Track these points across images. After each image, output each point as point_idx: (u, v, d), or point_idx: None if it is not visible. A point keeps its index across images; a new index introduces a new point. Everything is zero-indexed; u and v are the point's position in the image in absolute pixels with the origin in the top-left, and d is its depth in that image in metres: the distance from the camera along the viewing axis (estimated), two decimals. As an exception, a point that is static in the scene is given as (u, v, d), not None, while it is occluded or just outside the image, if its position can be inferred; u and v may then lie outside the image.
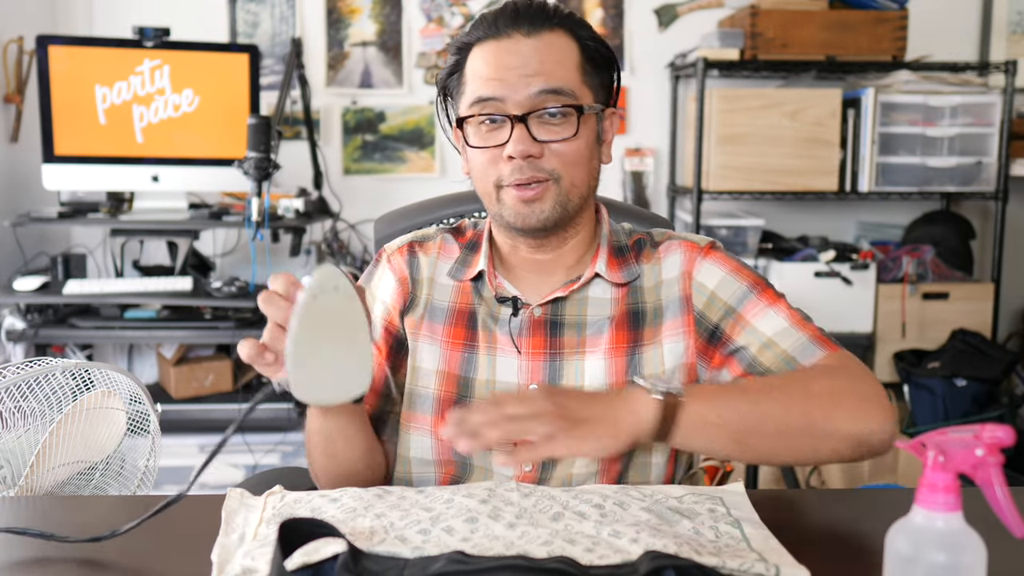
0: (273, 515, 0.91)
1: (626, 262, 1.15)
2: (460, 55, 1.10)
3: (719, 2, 3.17)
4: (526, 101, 1.04)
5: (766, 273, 2.92)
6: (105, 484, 1.24)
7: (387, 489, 0.98)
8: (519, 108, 1.04)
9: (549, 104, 1.05)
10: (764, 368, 1.06)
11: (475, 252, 1.18)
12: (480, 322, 1.14)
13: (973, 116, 2.93)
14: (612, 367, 1.11)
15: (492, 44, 1.07)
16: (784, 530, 0.89)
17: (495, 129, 1.07)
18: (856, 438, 0.96)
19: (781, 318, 1.08)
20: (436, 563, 0.76)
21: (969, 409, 2.84)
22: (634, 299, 1.13)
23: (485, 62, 1.07)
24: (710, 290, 1.11)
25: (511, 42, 1.06)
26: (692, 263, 1.13)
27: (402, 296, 1.17)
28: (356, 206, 3.12)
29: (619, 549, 0.81)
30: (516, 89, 1.04)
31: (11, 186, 2.82)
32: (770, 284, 1.13)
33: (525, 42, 1.05)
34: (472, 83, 1.08)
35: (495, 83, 1.05)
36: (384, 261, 1.21)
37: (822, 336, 1.07)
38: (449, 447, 1.12)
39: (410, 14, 3.15)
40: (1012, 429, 0.65)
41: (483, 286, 1.15)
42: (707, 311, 1.11)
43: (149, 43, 2.64)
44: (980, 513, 0.69)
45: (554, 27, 1.07)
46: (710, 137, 2.86)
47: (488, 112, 1.06)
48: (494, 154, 1.07)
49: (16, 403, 1.14)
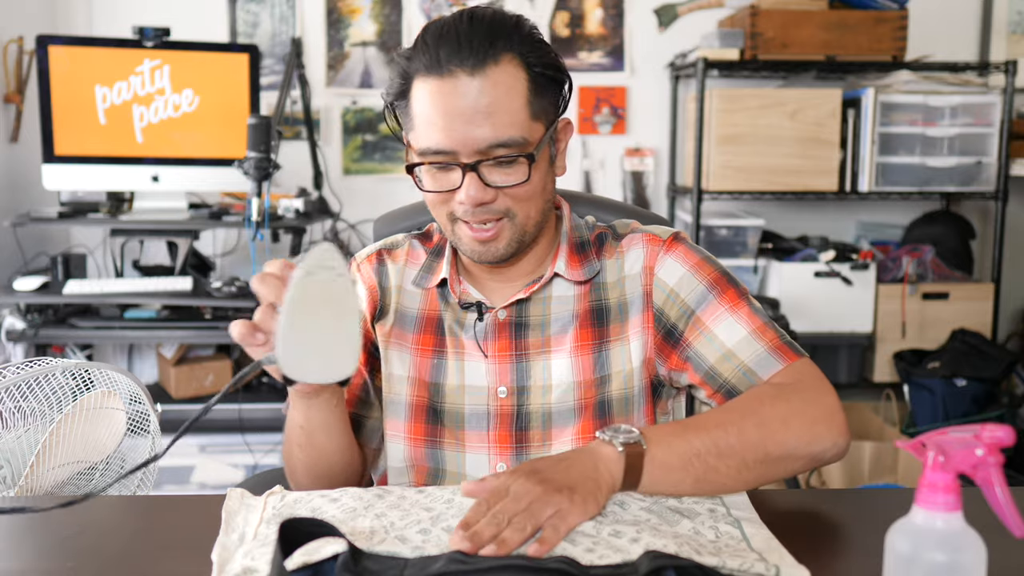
0: (273, 515, 0.91)
1: (587, 258, 1.15)
2: (404, 81, 1.05)
3: (719, 2, 3.17)
4: (476, 150, 1.01)
5: (766, 273, 2.92)
6: (105, 484, 1.24)
7: (387, 489, 0.98)
8: (469, 157, 1.02)
9: (499, 154, 1.02)
10: (723, 379, 1.07)
11: (440, 258, 1.17)
12: (447, 328, 1.14)
13: (973, 116, 2.93)
14: (578, 365, 1.11)
15: (435, 83, 1.01)
16: (784, 530, 0.89)
17: (446, 171, 1.04)
18: (809, 457, 0.99)
19: (740, 326, 1.07)
20: (436, 563, 0.76)
21: (969, 409, 2.84)
22: (597, 295, 1.13)
23: (431, 105, 1.01)
24: (670, 287, 1.10)
25: (455, 83, 1.00)
26: (654, 257, 1.12)
27: (371, 304, 1.18)
28: (356, 206, 3.12)
29: (619, 549, 0.81)
30: (465, 139, 1.00)
31: (11, 186, 2.82)
32: (732, 281, 1.11)
33: (470, 84, 0.99)
34: (420, 126, 1.04)
35: (443, 134, 1.01)
36: (354, 270, 1.20)
37: (781, 344, 1.06)
38: (422, 452, 1.13)
39: (410, 14, 3.15)
40: (1012, 429, 0.65)
41: (448, 292, 1.15)
42: (666, 308, 1.10)
43: (149, 43, 2.64)
44: (980, 513, 0.69)
45: (499, 57, 1.00)
46: (710, 137, 2.86)
47: (439, 162, 1.03)
48: (446, 195, 1.05)
49: (16, 403, 1.14)
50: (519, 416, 1.12)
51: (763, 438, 0.96)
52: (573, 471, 0.89)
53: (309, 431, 1.07)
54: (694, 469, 0.94)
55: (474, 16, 1.02)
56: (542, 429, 1.12)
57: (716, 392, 1.08)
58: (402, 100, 1.06)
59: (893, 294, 2.94)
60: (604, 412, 1.11)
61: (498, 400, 1.12)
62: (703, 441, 0.95)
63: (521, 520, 0.82)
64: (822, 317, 2.89)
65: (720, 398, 1.07)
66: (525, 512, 0.82)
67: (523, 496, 0.84)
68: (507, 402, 1.12)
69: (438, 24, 1.03)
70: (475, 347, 1.12)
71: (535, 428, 1.12)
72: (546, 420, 1.11)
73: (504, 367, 1.12)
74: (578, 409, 1.11)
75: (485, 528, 0.81)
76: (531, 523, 0.82)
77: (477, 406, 1.12)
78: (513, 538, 0.80)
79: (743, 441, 0.95)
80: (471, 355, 1.13)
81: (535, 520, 0.82)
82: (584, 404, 1.11)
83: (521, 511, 0.82)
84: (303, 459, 1.10)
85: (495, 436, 1.12)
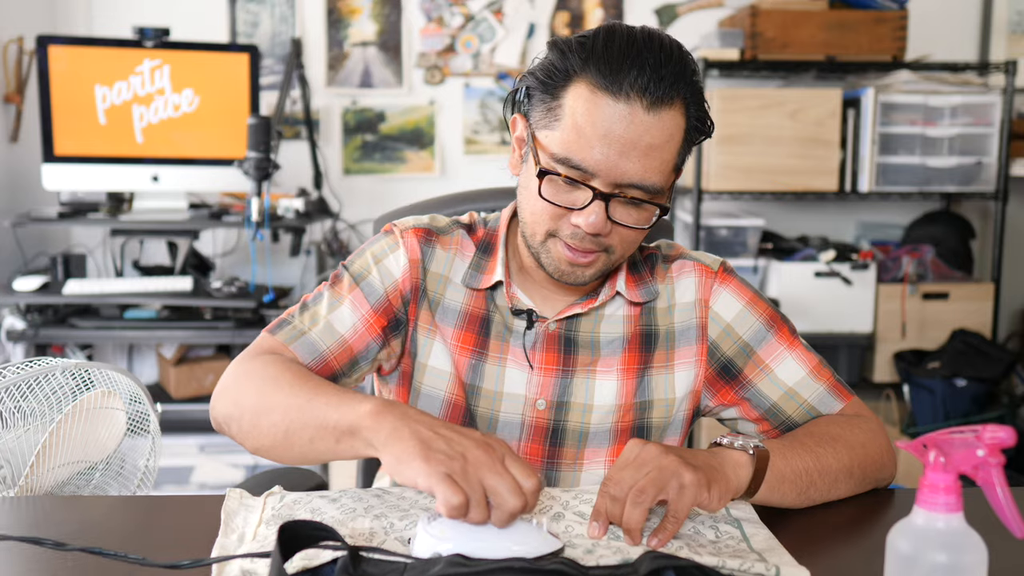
0: (272, 516, 0.91)
1: (643, 280, 1.13)
2: (565, 76, 0.98)
3: (719, 2, 3.17)
4: (615, 185, 0.98)
5: (766, 273, 2.92)
6: (105, 484, 1.24)
7: (387, 489, 0.98)
8: (608, 187, 0.98)
9: (634, 195, 0.99)
10: (785, 416, 1.10)
11: (489, 256, 1.13)
12: (493, 331, 1.11)
13: (973, 116, 2.93)
14: (623, 388, 1.10)
15: (608, 100, 0.95)
16: (784, 530, 0.89)
17: (573, 189, 0.99)
18: (876, 480, 1.06)
19: (799, 365, 1.10)
20: (436, 565, 0.76)
21: (969, 409, 2.84)
22: (648, 320, 1.12)
23: (592, 119, 0.96)
24: (726, 322, 1.11)
25: (628, 111, 0.95)
26: (708, 290, 1.13)
27: (411, 279, 1.12)
28: (356, 206, 3.12)
29: (619, 549, 0.81)
30: (611, 170, 0.96)
31: (11, 186, 2.82)
32: (784, 318, 1.14)
33: (643, 118, 0.95)
34: (569, 133, 0.97)
35: (595, 156, 0.96)
36: (398, 236, 1.14)
37: (836, 384, 1.11)
38: None
39: (410, 14, 3.15)
40: (1013, 430, 0.65)
41: (499, 295, 1.12)
42: (721, 342, 1.11)
43: (149, 43, 2.64)
44: (981, 514, 0.69)
45: (675, 101, 0.97)
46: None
47: (575, 178, 0.98)
48: (561, 211, 1.01)
49: (16, 403, 1.14)
50: (555, 431, 1.10)
51: (851, 460, 1.02)
52: (700, 458, 0.91)
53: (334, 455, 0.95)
54: (800, 483, 0.98)
55: (663, 46, 0.97)
56: (577, 448, 1.10)
57: (775, 428, 1.11)
58: (551, 92, 0.99)
59: (893, 294, 2.94)
60: (641, 437, 1.11)
61: (535, 412, 1.10)
62: (810, 457, 0.99)
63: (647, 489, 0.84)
64: (822, 317, 2.89)
65: (777, 433, 1.11)
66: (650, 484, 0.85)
67: (648, 467, 0.87)
68: (544, 415, 1.10)
69: (624, 35, 0.97)
70: (521, 355, 1.10)
71: (570, 446, 1.10)
72: (582, 439, 1.10)
73: (548, 380, 1.10)
74: (615, 432, 1.10)
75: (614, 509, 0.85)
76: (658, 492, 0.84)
77: (512, 415, 1.10)
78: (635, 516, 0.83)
79: (838, 461, 1.01)
80: (514, 362, 1.10)
81: (661, 488, 0.84)
82: (621, 427, 1.10)
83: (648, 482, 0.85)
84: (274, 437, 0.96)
85: (526, 448, 1.11)
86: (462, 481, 0.77)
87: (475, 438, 0.82)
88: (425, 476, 0.78)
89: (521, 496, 0.78)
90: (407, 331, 1.13)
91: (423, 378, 1.12)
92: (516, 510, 0.78)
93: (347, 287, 1.11)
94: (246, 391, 1.00)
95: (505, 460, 0.80)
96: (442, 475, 0.77)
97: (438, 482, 0.77)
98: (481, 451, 0.80)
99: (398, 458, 0.81)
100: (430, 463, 0.78)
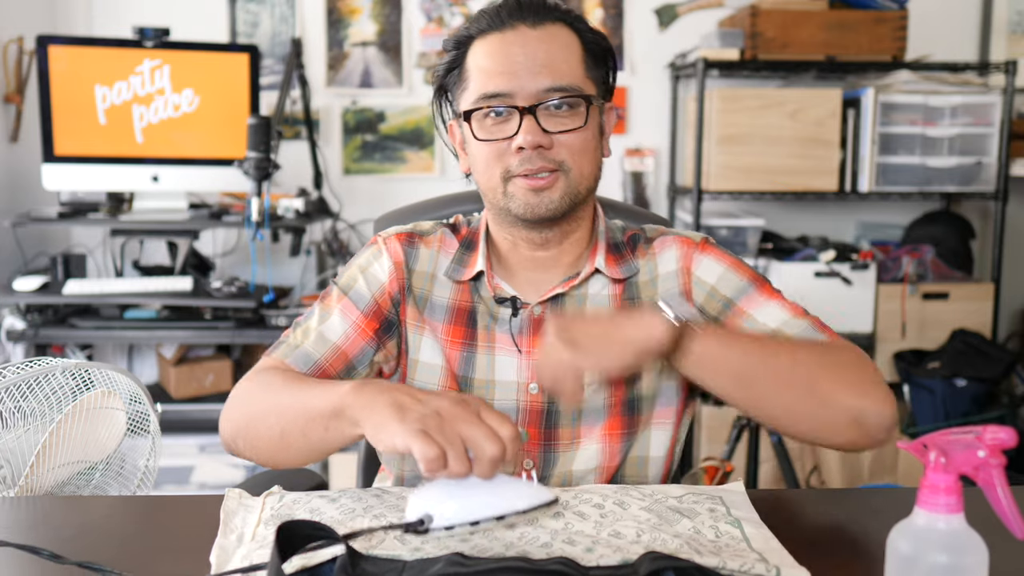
0: (272, 516, 0.91)
1: (623, 258, 1.16)
2: (459, 49, 1.10)
3: (719, 2, 3.17)
4: (535, 94, 1.05)
5: (766, 273, 2.92)
6: (105, 484, 1.24)
7: (386, 489, 0.98)
8: (528, 100, 1.05)
9: (556, 97, 1.05)
10: None
11: (471, 251, 1.17)
12: (479, 322, 1.14)
13: (973, 116, 2.93)
14: None
15: (496, 36, 1.07)
16: (784, 530, 0.89)
17: (501, 122, 1.07)
18: (853, 413, 0.96)
19: (782, 311, 1.10)
20: (435, 565, 0.76)
21: (969, 409, 2.84)
22: (631, 295, 1.14)
23: (490, 55, 1.07)
24: (710, 285, 1.13)
25: (516, 34, 1.06)
26: (689, 259, 1.15)
27: (397, 280, 1.16)
28: (356, 206, 3.12)
29: (619, 549, 0.81)
30: (524, 83, 1.04)
31: (11, 186, 2.82)
32: (767, 280, 1.14)
33: (530, 34, 1.06)
34: (477, 78, 1.08)
35: (503, 77, 1.05)
36: (381, 244, 1.19)
37: (822, 324, 1.10)
38: None
39: (410, 14, 3.15)
40: (1014, 431, 0.65)
41: (481, 286, 1.15)
42: (707, 305, 1.12)
43: (149, 43, 2.64)
44: (982, 514, 0.69)
45: (556, 20, 1.08)
46: (710, 137, 2.86)
47: (496, 105, 1.06)
48: (501, 147, 1.07)
49: (16, 403, 1.14)
50: (549, 414, 1.12)
51: (814, 371, 0.97)
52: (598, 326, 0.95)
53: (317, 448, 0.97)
54: (739, 370, 0.97)
55: None
56: (572, 427, 1.12)
57: None
58: (455, 71, 1.10)
59: (893, 294, 2.93)
60: (633, 410, 1.12)
61: (529, 396, 1.12)
62: (757, 349, 0.98)
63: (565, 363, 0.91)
64: (822, 317, 2.87)
65: None
66: None
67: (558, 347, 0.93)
68: (538, 399, 1.12)
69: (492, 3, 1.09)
70: (509, 342, 1.12)
71: (565, 426, 1.12)
72: (576, 418, 1.12)
73: None
74: (607, 407, 1.12)
75: None
76: None
77: (506, 401, 1.12)
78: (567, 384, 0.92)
79: (795, 364, 0.97)
80: (503, 350, 1.12)
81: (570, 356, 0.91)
82: (613, 402, 1.12)
83: None
84: (270, 436, 0.99)
85: None
86: (438, 435, 0.79)
87: (450, 396, 0.84)
88: (401, 435, 0.79)
89: (499, 442, 0.79)
90: (400, 332, 1.16)
91: (415, 374, 1.15)
92: (496, 456, 0.79)
93: (336, 298, 1.16)
94: (244, 405, 1.05)
95: (480, 412, 0.82)
96: (416, 431, 0.79)
97: (413, 437, 0.78)
98: (455, 406, 0.82)
99: (375, 426, 0.83)
100: (404, 422, 0.80)
